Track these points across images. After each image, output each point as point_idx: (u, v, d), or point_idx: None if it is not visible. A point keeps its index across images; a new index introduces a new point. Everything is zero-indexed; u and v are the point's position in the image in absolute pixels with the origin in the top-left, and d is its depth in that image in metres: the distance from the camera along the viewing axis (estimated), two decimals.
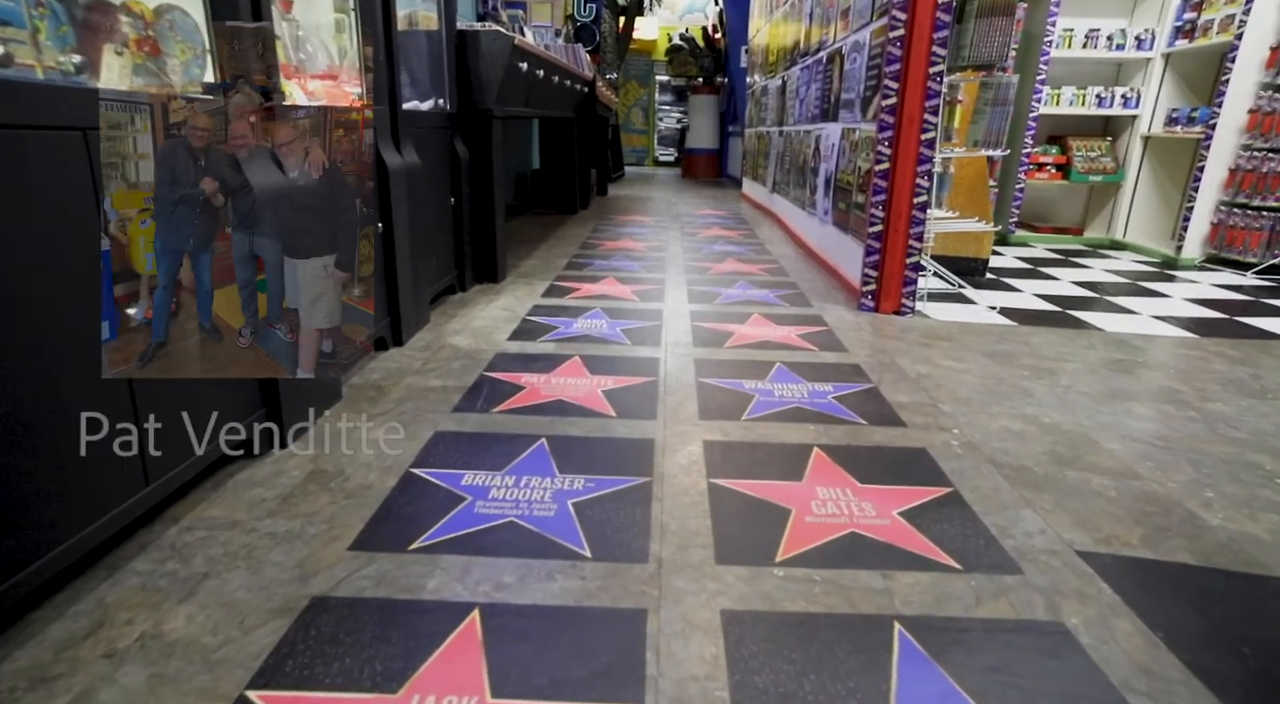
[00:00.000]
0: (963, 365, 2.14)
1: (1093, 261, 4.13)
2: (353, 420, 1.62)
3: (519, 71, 2.97)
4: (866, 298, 2.75)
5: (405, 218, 2.12)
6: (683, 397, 1.84)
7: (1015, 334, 2.53)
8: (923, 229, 2.64)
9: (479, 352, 2.13)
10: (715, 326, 2.48)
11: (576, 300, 2.80)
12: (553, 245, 4.10)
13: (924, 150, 2.56)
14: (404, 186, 2.10)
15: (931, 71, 2.49)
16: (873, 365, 2.11)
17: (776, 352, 2.22)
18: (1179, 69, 4.28)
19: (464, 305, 2.68)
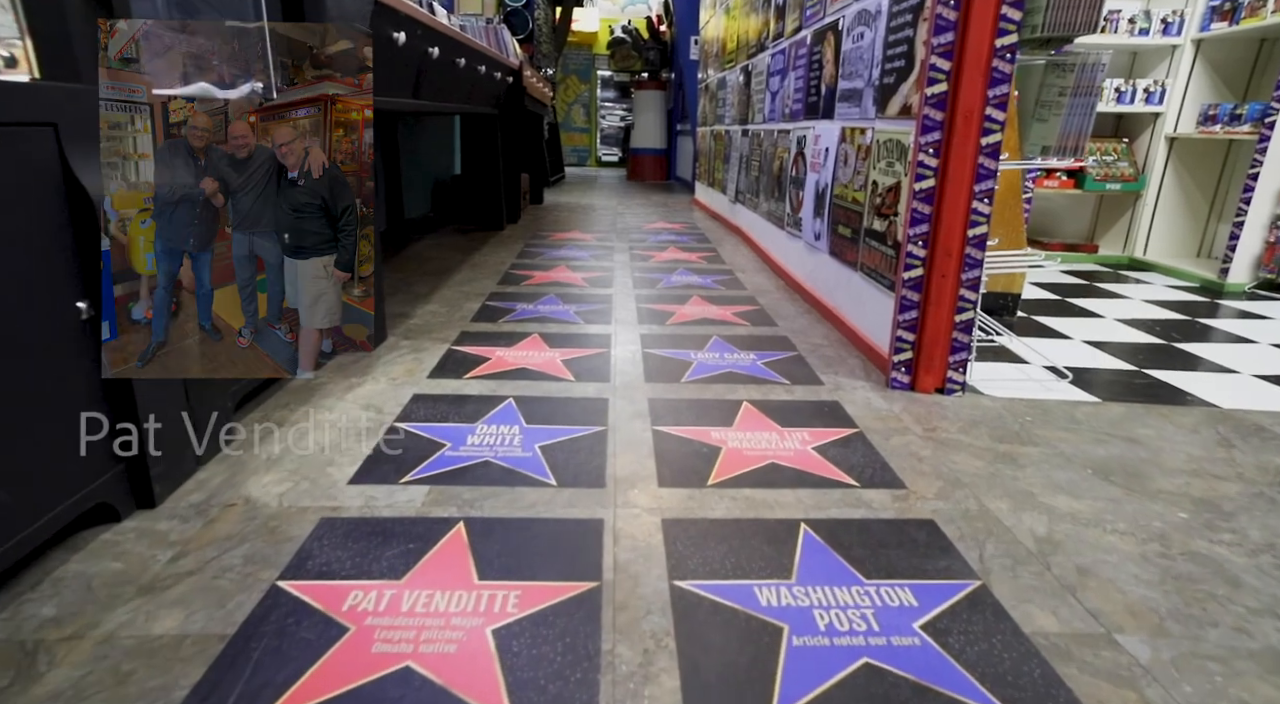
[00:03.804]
0: (1089, 503, 1.34)
1: (1123, 288, 3.43)
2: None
3: (395, 45, 2.06)
4: (899, 371, 1.93)
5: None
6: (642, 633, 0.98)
7: (1112, 423, 1.75)
8: (979, 273, 1.84)
9: (290, 520, 1.22)
10: (687, 433, 1.63)
11: (482, 380, 1.90)
12: (465, 278, 3.17)
13: (985, 160, 1.76)
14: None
15: (999, 44, 1.68)
16: (954, 519, 1.28)
17: (789, 491, 1.38)
18: (1212, 58, 3.63)
19: (306, 397, 1.75)
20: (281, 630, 0.95)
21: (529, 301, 2.77)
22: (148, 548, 1.12)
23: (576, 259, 3.71)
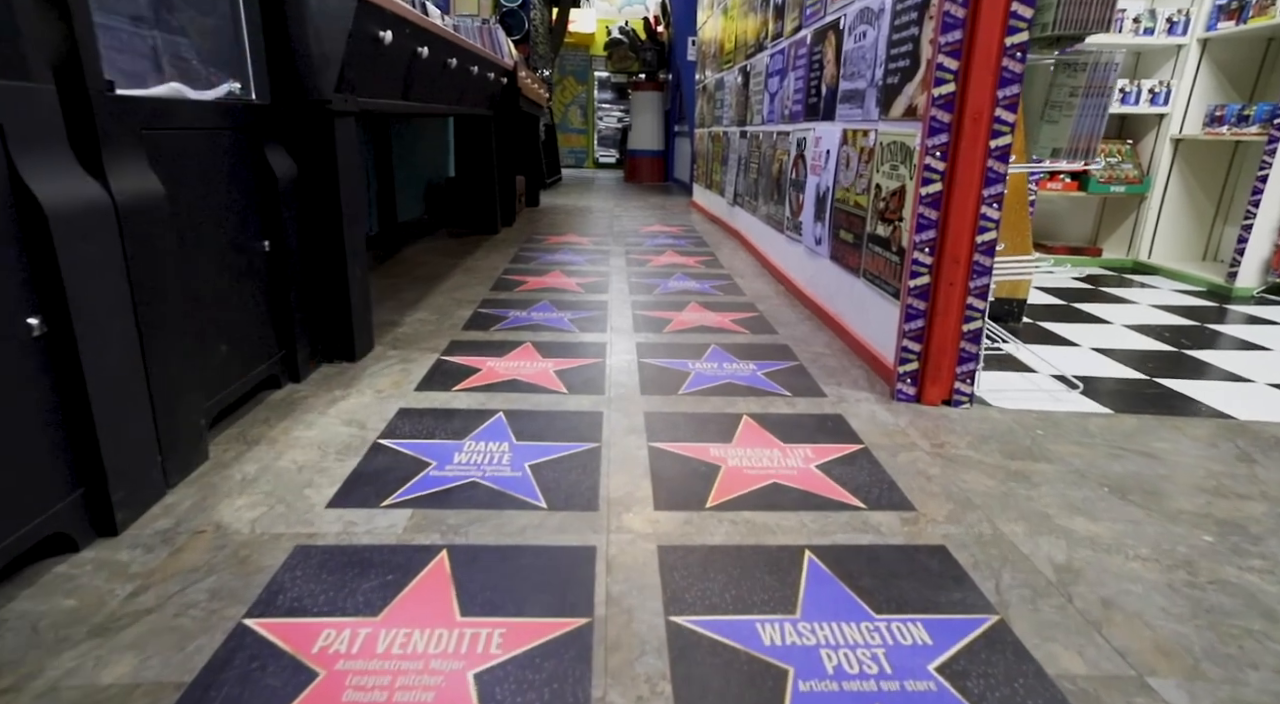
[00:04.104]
0: (1108, 525, 1.27)
1: (1128, 292, 3.37)
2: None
3: (381, 44, 1.98)
4: (905, 381, 1.86)
5: (111, 293, 1.12)
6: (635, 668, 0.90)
7: (1126, 436, 1.68)
8: (988, 281, 1.77)
9: (263, 549, 1.14)
10: (684, 450, 1.55)
11: (472, 393, 1.83)
12: (458, 284, 3.10)
13: (994, 163, 1.69)
14: (105, 238, 1.10)
15: (1009, 43, 1.61)
16: (967, 544, 1.21)
17: (792, 514, 1.30)
18: (1218, 58, 3.57)
19: (286, 411, 1.68)
20: (245, 677, 0.88)
21: (522, 308, 2.69)
22: (105, 582, 1.04)
23: (572, 264, 3.64)
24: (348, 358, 2.02)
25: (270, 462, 1.43)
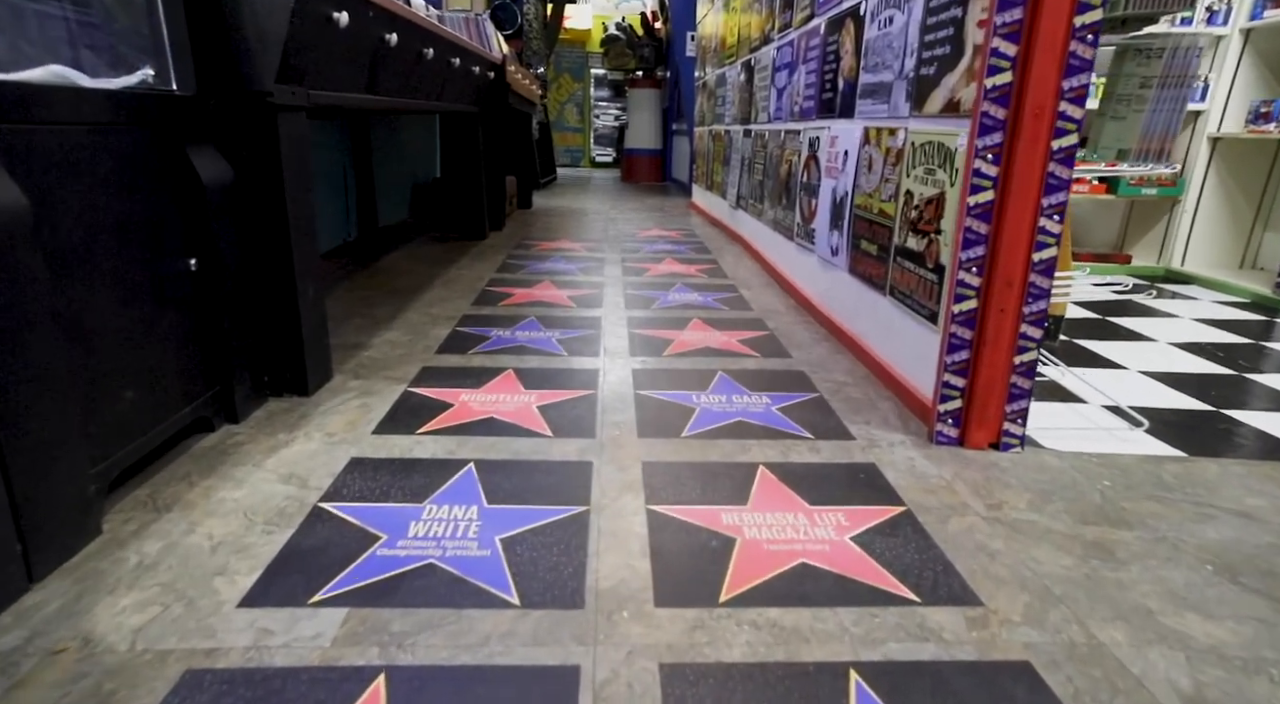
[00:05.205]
0: (1231, 627, 1.00)
1: (1167, 304, 3.10)
2: None
3: (336, 28, 1.71)
4: (945, 422, 1.59)
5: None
6: None
7: (1210, 488, 1.41)
8: (1045, 306, 1.50)
9: (139, 677, 0.86)
10: (691, 515, 1.28)
11: (438, 438, 1.55)
12: (436, 297, 2.82)
13: (1056, 167, 1.42)
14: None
15: (1078, 22, 1.35)
16: (1057, 660, 0.94)
17: (829, 611, 1.03)
18: (1263, 49, 3.30)
19: (214, 464, 1.40)
20: None
21: (506, 327, 2.42)
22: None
23: (563, 273, 3.36)
24: (299, 392, 1.75)
25: (179, 537, 1.16)
